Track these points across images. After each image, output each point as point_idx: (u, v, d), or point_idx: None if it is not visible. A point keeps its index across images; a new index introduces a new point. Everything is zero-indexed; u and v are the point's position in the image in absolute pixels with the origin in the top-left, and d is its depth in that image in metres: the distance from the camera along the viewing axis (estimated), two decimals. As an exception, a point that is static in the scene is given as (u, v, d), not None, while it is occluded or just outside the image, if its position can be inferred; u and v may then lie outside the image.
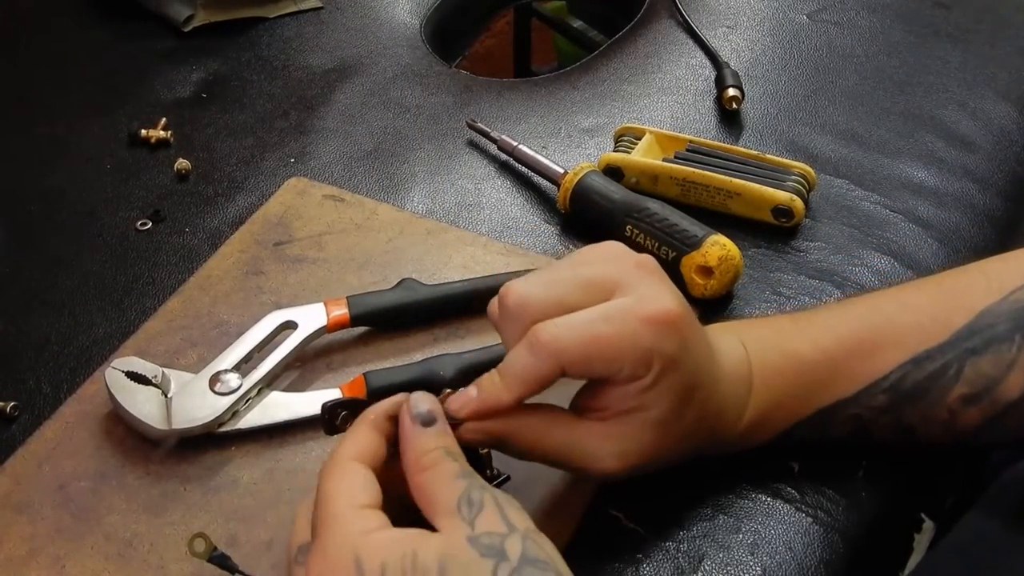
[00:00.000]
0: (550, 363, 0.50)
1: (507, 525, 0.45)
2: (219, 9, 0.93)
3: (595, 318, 0.50)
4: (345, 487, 0.47)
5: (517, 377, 0.51)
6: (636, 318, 0.50)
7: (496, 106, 0.86)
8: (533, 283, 0.52)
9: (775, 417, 0.57)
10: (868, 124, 0.83)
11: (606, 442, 0.52)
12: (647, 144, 0.77)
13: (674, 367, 0.51)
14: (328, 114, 0.85)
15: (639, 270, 0.53)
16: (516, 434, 0.52)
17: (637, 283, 0.52)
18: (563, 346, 0.50)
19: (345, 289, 0.68)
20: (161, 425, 0.59)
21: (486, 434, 0.51)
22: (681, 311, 0.52)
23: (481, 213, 0.76)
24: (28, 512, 0.57)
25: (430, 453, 0.48)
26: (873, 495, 0.60)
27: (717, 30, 0.92)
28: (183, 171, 0.79)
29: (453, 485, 0.46)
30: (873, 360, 0.56)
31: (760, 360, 0.57)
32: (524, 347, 0.50)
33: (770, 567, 0.56)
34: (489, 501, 0.46)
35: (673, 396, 0.52)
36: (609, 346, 0.50)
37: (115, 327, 0.68)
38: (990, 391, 0.55)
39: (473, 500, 0.46)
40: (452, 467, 0.47)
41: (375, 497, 0.47)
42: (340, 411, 0.52)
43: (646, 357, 0.50)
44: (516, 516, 0.46)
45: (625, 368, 0.51)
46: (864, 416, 0.57)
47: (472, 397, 0.51)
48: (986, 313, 0.56)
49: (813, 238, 0.74)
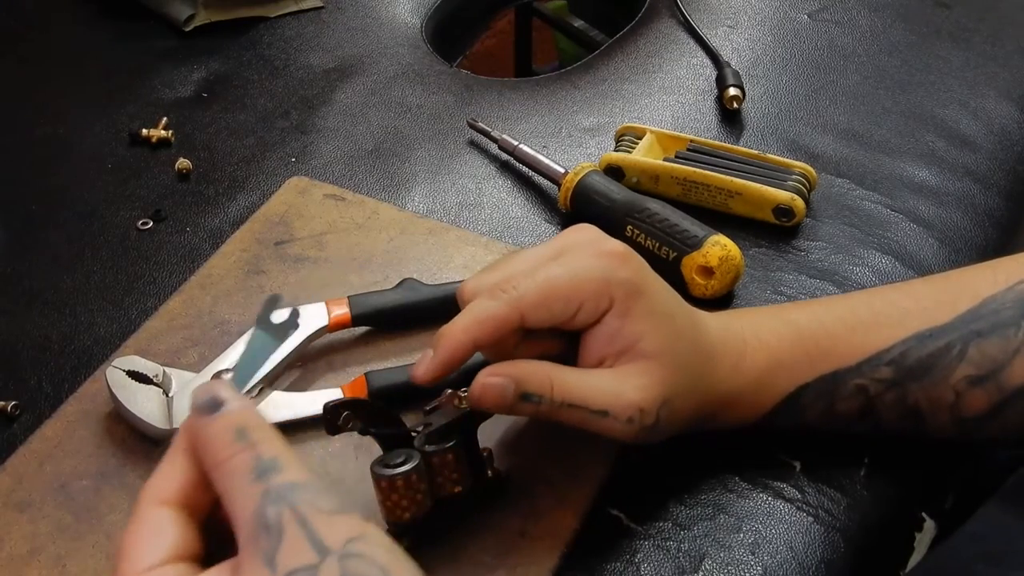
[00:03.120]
0: (510, 308, 0.51)
1: (317, 550, 0.38)
2: (220, 8, 0.93)
3: (548, 267, 0.53)
4: (133, 542, 0.41)
5: (474, 320, 0.51)
6: (586, 255, 0.53)
7: (497, 106, 0.86)
8: (483, 272, 0.55)
9: (777, 377, 0.57)
10: (869, 123, 0.83)
11: (623, 379, 0.53)
12: (648, 144, 0.77)
13: (638, 293, 0.53)
14: (329, 113, 0.85)
15: (579, 231, 0.56)
16: (531, 377, 0.51)
17: (580, 239, 0.55)
18: (521, 291, 0.51)
19: (346, 289, 0.68)
20: (162, 424, 0.59)
21: (500, 375, 0.51)
22: (628, 250, 0.54)
23: (482, 213, 0.76)
24: (29, 511, 0.57)
25: (216, 440, 0.42)
26: (874, 495, 0.60)
27: (718, 29, 0.92)
28: (184, 170, 0.79)
29: (246, 491, 0.40)
30: (875, 334, 0.57)
31: (754, 324, 0.58)
32: (484, 295, 0.52)
33: (771, 567, 0.56)
34: (289, 520, 0.39)
35: (655, 320, 0.53)
36: (564, 283, 0.52)
37: (116, 326, 0.68)
38: (996, 374, 0.56)
39: (271, 525, 0.39)
40: (244, 457, 0.41)
41: (176, 545, 0.41)
42: (342, 411, 0.52)
43: (604, 286, 0.52)
44: (328, 530, 0.39)
45: (587, 303, 0.52)
46: (870, 390, 0.57)
47: (430, 355, 0.52)
48: (991, 300, 0.57)
49: (814, 238, 0.74)
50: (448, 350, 0.52)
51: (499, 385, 0.51)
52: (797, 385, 0.57)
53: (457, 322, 0.52)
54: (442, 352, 0.52)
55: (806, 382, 0.57)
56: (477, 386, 0.51)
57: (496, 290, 0.52)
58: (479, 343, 0.52)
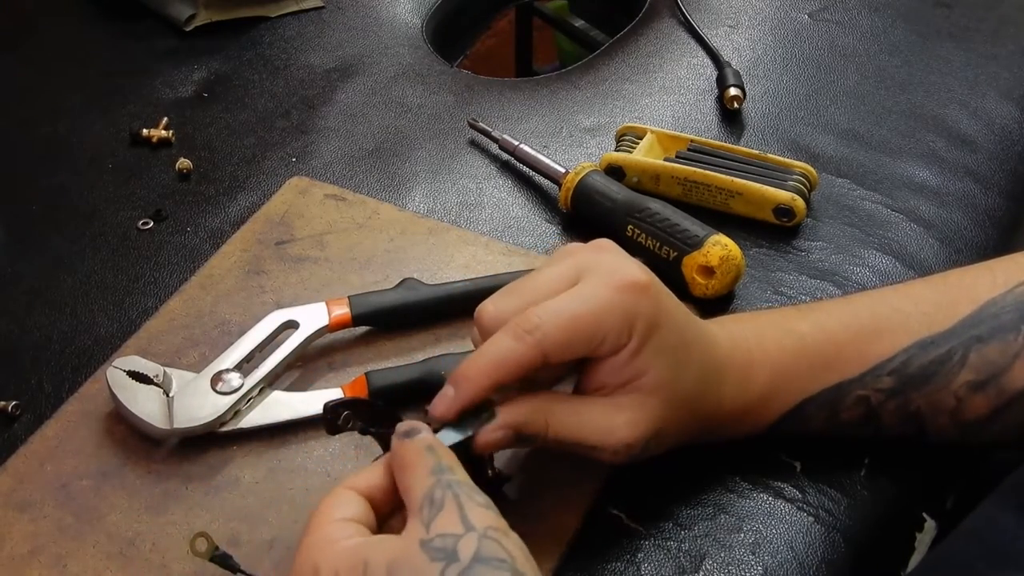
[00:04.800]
0: (533, 350, 0.51)
1: (464, 525, 0.45)
2: (221, 8, 0.93)
3: (570, 300, 0.52)
4: (327, 504, 0.48)
5: (495, 362, 0.51)
6: (608, 288, 0.52)
7: (497, 105, 0.86)
8: (503, 297, 0.54)
9: (781, 391, 0.57)
10: (869, 123, 0.83)
11: (615, 413, 0.53)
12: (648, 144, 0.77)
13: (655, 327, 0.52)
14: (330, 113, 0.85)
15: (598, 251, 0.55)
16: (529, 424, 0.52)
17: (599, 261, 0.54)
18: (545, 331, 0.51)
19: (347, 288, 0.68)
20: (163, 424, 0.59)
21: (502, 428, 0.52)
22: (648, 277, 0.53)
23: (483, 213, 0.76)
24: (30, 511, 0.57)
25: (410, 451, 0.49)
26: (874, 495, 0.60)
27: (718, 29, 0.92)
28: (184, 170, 0.79)
29: (423, 481, 0.47)
30: (878, 343, 0.57)
31: (759, 335, 0.58)
32: (506, 334, 0.51)
33: (771, 567, 0.56)
34: (450, 500, 0.46)
35: (664, 356, 0.53)
36: (588, 322, 0.51)
37: (117, 326, 0.68)
38: (996, 379, 0.56)
39: (435, 499, 0.46)
40: (427, 461, 0.48)
41: (358, 513, 0.48)
42: (342, 411, 0.52)
43: (626, 323, 0.52)
44: (477, 515, 0.46)
45: (608, 339, 0.52)
46: (872, 400, 0.57)
47: (450, 395, 0.52)
48: (991, 304, 0.57)
49: (814, 238, 0.74)
50: (469, 392, 0.52)
51: (501, 438, 0.52)
52: (800, 399, 0.57)
53: (479, 362, 0.52)
54: (463, 394, 0.52)
55: (810, 395, 0.57)
56: (481, 441, 0.52)
57: (519, 329, 0.51)
58: (500, 384, 0.52)
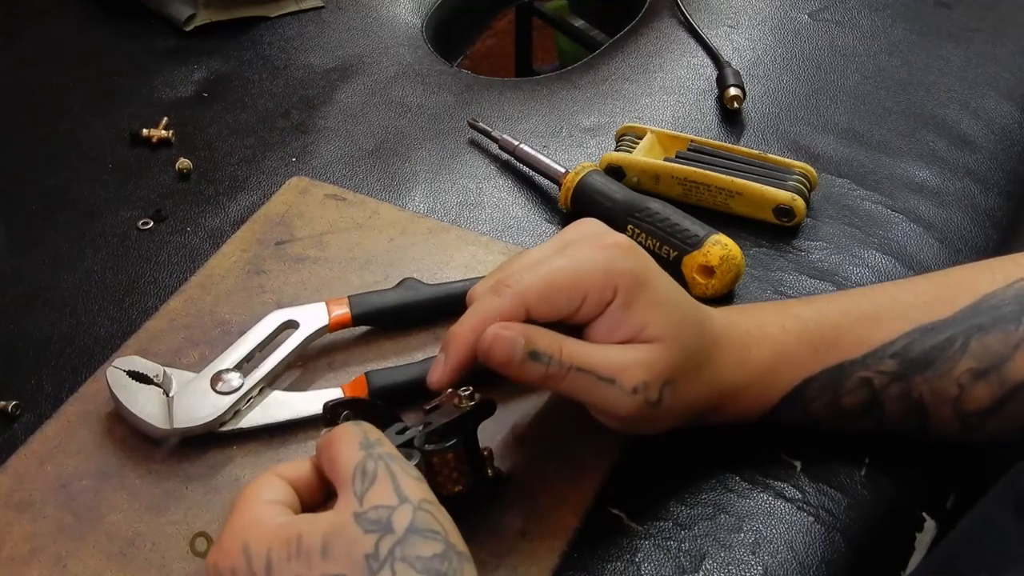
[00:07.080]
0: (512, 301, 0.52)
1: (398, 496, 0.45)
2: (220, 8, 0.93)
3: (552, 257, 0.53)
4: (254, 488, 0.48)
5: (479, 318, 0.52)
6: (589, 248, 0.53)
7: (497, 105, 0.86)
8: (490, 274, 0.55)
9: (783, 370, 0.57)
10: (869, 123, 0.83)
11: (629, 352, 0.53)
12: (648, 143, 0.77)
13: (642, 283, 0.53)
14: (329, 113, 0.85)
15: (588, 224, 0.56)
16: (541, 337, 0.52)
17: (583, 231, 0.55)
18: (525, 284, 0.52)
19: (347, 288, 0.68)
20: (163, 424, 0.59)
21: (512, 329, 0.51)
22: (633, 243, 0.54)
23: (482, 212, 0.76)
24: (30, 511, 0.57)
25: (337, 431, 0.49)
26: (874, 494, 0.60)
27: (718, 29, 0.92)
28: (184, 170, 0.79)
29: (352, 454, 0.47)
30: (878, 328, 0.58)
31: (758, 319, 0.58)
32: (487, 291, 0.52)
33: (771, 566, 0.56)
34: (383, 472, 0.46)
35: (660, 308, 0.53)
36: (567, 274, 0.52)
37: (116, 326, 0.68)
38: (998, 368, 0.56)
39: (367, 471, 0.46)
40: (355, 432, 0.48)
41: (285, 498, 0.48)
42: (342, 410, 0.52)
43: (608, 278, 0.52)
44: (410, 486, 0.46)
45: (591, 295, 0.52)
46: (875, 382, 0.57)
47: (441, 360, 0.53)
48: (990, 296, 0.57)
49: (814, 238, 0.74)
50: (459, 351, 0.52)
51: (509, 339, 0.51)
52: (802, 378, 0.57)
53: (463, 322, 0.53)
54: (453, 354, 0.52)
55: (811, 375, 0.57)
56: (488, 337, 0.51)
57: (499, 286, 0.52)
58: None
